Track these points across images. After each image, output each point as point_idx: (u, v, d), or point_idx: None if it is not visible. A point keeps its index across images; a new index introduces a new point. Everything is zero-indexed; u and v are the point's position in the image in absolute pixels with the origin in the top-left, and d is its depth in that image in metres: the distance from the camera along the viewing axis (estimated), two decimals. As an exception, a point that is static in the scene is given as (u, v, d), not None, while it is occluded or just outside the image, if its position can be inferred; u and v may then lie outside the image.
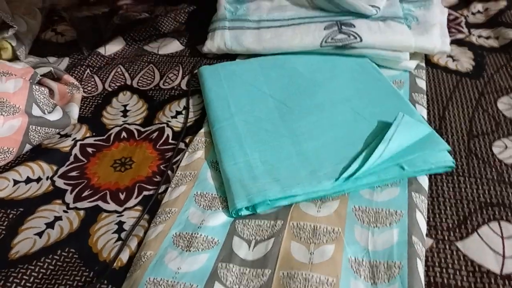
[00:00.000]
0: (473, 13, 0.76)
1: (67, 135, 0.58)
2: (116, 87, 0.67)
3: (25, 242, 0.45)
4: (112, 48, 0.75)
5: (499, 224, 0.44)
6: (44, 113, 0.56)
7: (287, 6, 0.74)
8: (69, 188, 0.51)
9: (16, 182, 0.52)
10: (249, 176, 0.48)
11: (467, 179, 0.48)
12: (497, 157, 0.51)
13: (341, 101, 0.57)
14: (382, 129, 0.50)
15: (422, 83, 0.61)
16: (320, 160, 0.49)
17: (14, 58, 0.67)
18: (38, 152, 0.55)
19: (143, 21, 0.82)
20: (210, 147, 0.54)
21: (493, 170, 0.49)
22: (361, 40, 0.64)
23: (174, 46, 0.75)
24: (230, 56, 0.71)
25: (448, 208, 0.46)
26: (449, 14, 0.73)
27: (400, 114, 0.50)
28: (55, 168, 0.54)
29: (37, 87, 0.57)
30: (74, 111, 0.60)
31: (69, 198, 0.50)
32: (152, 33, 0.79)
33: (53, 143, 0.57)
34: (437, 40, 0.63)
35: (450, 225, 0.44)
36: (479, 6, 0.77)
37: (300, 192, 0.46)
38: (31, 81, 0.57)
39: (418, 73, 0.63)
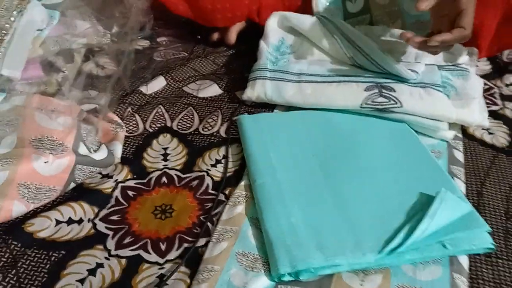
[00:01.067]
0: (506, 85, 0.77)
1: (108, 176, 0.58)
2: (156, 128, 0.67)
3: (67, 289, 0.45)
4: (154, 86, 0.75)
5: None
6: (90, 152, 0.57)
7: (328, 61, 0.75)
8: (111, 233, 0.51)
9: (58, 222, 0.52)
10: (292, 240, 0.48)
11: (505, 262, 0.49)
12: (534, 241, 0.51)
13: (382, 167, 0.58)
14: (424, 202, 0.51)
15: (459, 155, 0.62)
16: (363, 229, 0.49)
17: (58, 91, 0.68)
18: (80, 192, 0.56)
19: (181, 60, 0.83)
20: (251, 202, 0.54)
21: (530, 254, 0.50)
22: (401, 106, 0.65)
23: (213, 90, 0.76)
24: (268, 105, 0.72)
25: (487, 291, 0.46)
26: (484, 84, 0.74)
27: (443, 190, 0.51)
28: (96, 210, 0.54)
29: (84, 125, 0.58)
30: (118, 149, 0.60)
31: (110, 244, 0.50)
32: (191, 74, 0.80)
33: (94, 183, 0.57)
34: (477, 115, 0.64)
35: (490, 310, 0.45)
36: (512, 79, 0.79)
37: (343, 263, 0.46)
38: (78, 119, 0.58)
39: (455, 144, 0.64)
